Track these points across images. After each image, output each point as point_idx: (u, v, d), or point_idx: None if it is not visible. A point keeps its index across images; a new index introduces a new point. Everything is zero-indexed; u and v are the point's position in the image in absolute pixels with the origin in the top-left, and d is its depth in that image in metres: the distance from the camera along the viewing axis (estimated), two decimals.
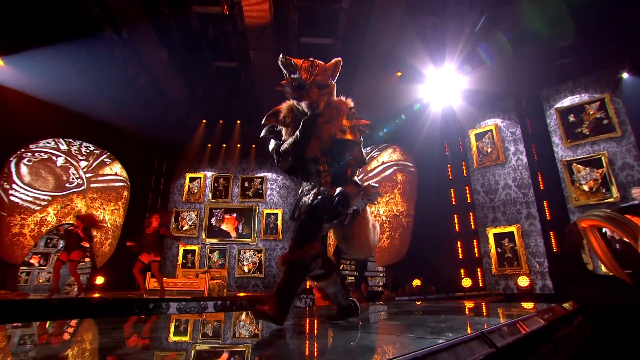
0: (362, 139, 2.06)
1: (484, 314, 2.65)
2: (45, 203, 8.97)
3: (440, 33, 8.80)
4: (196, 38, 9.27)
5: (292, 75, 1.92)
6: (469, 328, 1.72)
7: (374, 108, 9.42)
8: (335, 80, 2.01)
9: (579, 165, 7.04)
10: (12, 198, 8.54)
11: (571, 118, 7.36)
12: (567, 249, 5.02)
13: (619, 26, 6.97)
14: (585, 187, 6.86)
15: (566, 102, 7.51)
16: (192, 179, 12.23)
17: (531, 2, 7.40)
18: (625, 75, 6.77)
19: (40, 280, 11.95)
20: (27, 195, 8.77)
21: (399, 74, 8.81)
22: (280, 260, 1.78)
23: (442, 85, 8.95)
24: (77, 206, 9.45)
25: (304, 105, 1.91)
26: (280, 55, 1.95)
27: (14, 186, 8.66)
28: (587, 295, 3.89)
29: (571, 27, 7.11)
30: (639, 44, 6.64)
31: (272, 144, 2.10)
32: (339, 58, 2.04)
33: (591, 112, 7.13)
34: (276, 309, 1.63)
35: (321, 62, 2.00)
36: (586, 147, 7.09)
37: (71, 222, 9.22)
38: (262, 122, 2.09)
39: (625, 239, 3.79)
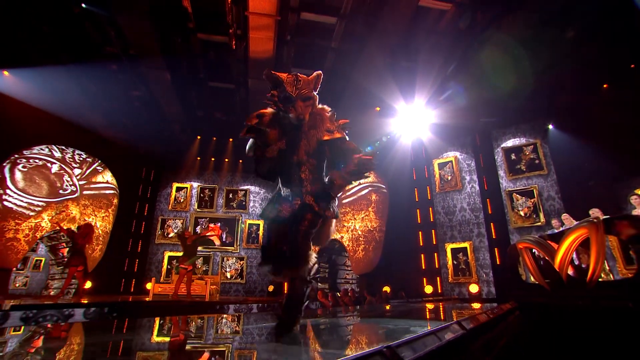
0: (346, 134, 2.24)
1: (453, 311, 3.76)
2: (39, 209, 9.03)
3: (412, 75, 10.23)
4: (197, 61, 9.91)
5: (278, 88, 2.07)
6: (452, 318, 2.79)
7: (353, 136, 10.59)
8: (317, 92, 2.19)
9: (517, 195, 8.65)
10: (5, 203, 8.54)
11: (512, 156, 9.01)
12: (508, 263, 6.43)
13: (550, 84, 8.76)
14: (522, 213, 8.45)
15: (509, 142, 9.17)
16: (178, 189, 12.61)
17: (485, 58, 9.02)
18: (550, 126, 8.51)
19: (17, 285, 11.64)
20: (21, 201, 8.80)
21: (378, 109, 10.07)
22: (286, 275, 1.95)
23: (413, 120, 10.35)
24: (72, 212, 9.58)
25: (290, 117, 2.05)
26: (266, 70, 2.12)
27: (8, 191, 8.67)
28: (521, 297, 5.20)
29: (514, 81, 8.79)
30: (561, 103, 8.40)
31: (250, 143, 2.18)
32: (320, 71, 2.23)
33: (527, 153, 8.81)
34: (287, 318, 1.90)
35: (304, 76, 2.18)
36: (523, 181, 8.73)
37: (65, 227, 9.37)
38: (245, 122, 2.17)
39: (547, 258, 5.17)
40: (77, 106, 9.67)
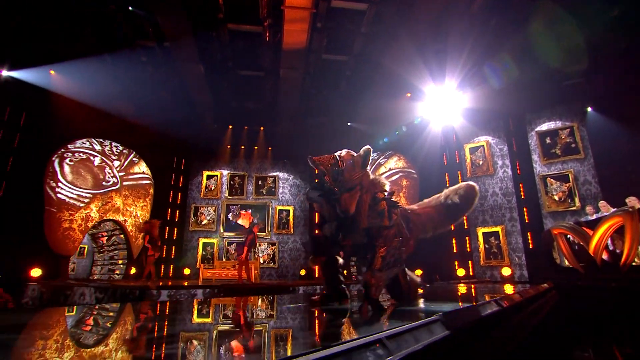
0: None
1: (495, 290, 4.41)
2: (87, 200, 10.05)
3: (443, 59, 10.51)
4: (227, 51, 10.47)
5: (323, 177, 2.21)
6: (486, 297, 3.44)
7: (384, 121, 11.11)
8: (367, 167, 2.35)
9: (551, 179, 9.07)
10: (59, 195, 9.58)
11: (547, 140, 9.35)
12: (543, 247, 7.01)
13: (590, 65, 8.94)
14: (556, 197, 8.89)
15: (544, 126, 9.49)
16: (209, 177, 13.47)
17: (520, 39, 9.22)
18: (589, 109, 8.78)
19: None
20: (72, 193, 9.82)
21: (409, 94, 10.48)
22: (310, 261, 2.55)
23: (443, 104, 10.73)
24: (116, 203, 10.59)
25: (337, 210, 2.19)
26: (309, 157, 2.31)
27: (60, 184, 9.69)
28: (555, 280, 5.80)
29: (550, 62, 9.02)
30: (601, 85, 8.61)
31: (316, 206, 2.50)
32: (368, 147, 2.32)
33: (563, 137, 9.14)
34: (327, 293, 2.60)
35: (349, 155, 2.25)
36: (557, 165, 9.11)
37: (112, 218, 10.46)
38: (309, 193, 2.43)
39: (581, 243, 5.71)
40: (111, 98, 10.43)
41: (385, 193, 2.47)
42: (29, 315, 2.57)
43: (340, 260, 2.68)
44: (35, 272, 8.48)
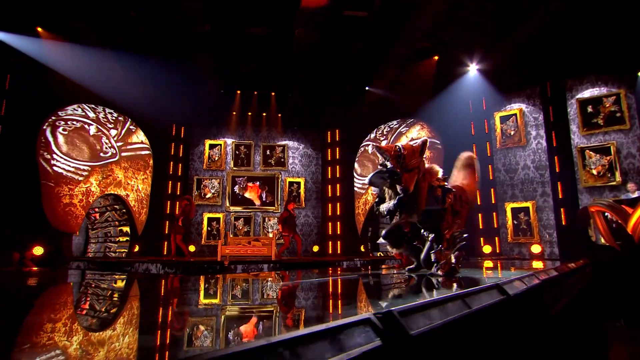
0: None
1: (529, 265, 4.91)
2: (86, 173, 10.49)
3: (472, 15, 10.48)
4: (238, 7, 10.43)
5: (385, 162, 2.84)
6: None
7: (409, 86, 11.29)
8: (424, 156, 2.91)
9: (590, 152, 9.39)
10: (55, 168, 10.00)
11: (589, 108, 9.57)
12: (579, 225, 7.50)
13: None
14: (594, 171, 9.26)
15: (586, 93, 9.67)
16: (212, 146, 13.82)
17: None
18: None
19: None
20: (69, 165, 10.24)
21: (437, 57, 10.59)
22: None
23: (471, 67, 10.86)
24: (118, 176, 11.04)
25: (397, 188, 2.81)
26: (373, 145, 3.54)
27: (55, 156, 10.07)
28: (591, 257, 6.32)
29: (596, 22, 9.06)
30: None
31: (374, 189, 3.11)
32: (425, 138, 3.00)
33: (607, 105, 9.35)
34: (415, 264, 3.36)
35: (409, 145, 2.83)
36: (599, 136, 9.39)
37: (113, 192, 10.97)
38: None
39: (620, 221, 6.17)
40: (102, 57, 10.47)
41: (440, 180, 3.04)
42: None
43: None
44: (37, 251, 9.07)
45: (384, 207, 3.02)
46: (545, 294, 3.09)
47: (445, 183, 3.11)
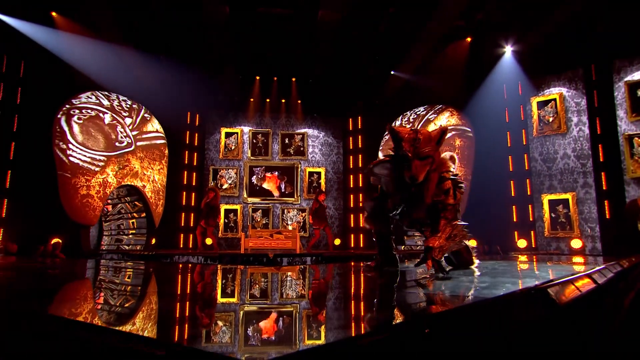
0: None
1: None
2: (102, 164, 10.27)
3: None
4: None
5: (396, 146, 2.63)
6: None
7: (439, 70, 10.79)
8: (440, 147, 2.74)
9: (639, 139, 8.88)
10: (71, 159, 9.79)
11: (639, 92, 9.02)
12: (628, 219, 7.07)
13: None
14: None
15: (637, 75, 9.08)
16: (228, 134, 13.50)
17: None
18: None
19: None
20: (85, 156, 10.02)
21: (469, 39, 10.06)
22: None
23: (507, 49, 10.31)
24: (134, 167, 10.81)
25: (405, 176, 2.56)
26: (388, 124, 2.90)
27: (70, 146, 9.86)
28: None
29: None
30: None
31: (369, 206, 3.26)
32: (445, 126, 2.88)
33: None
34: (376, 264, 3.28)
35: (426, 131, 2.66)
36: None
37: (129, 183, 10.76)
38: (369, 170, 3.04)
39: None
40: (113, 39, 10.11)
41: (451, 173, 3.01)
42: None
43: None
44: (56, 244, 8.95)
45: (389, 204, 2.99)
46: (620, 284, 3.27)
47: (456, 174, 3.12)
